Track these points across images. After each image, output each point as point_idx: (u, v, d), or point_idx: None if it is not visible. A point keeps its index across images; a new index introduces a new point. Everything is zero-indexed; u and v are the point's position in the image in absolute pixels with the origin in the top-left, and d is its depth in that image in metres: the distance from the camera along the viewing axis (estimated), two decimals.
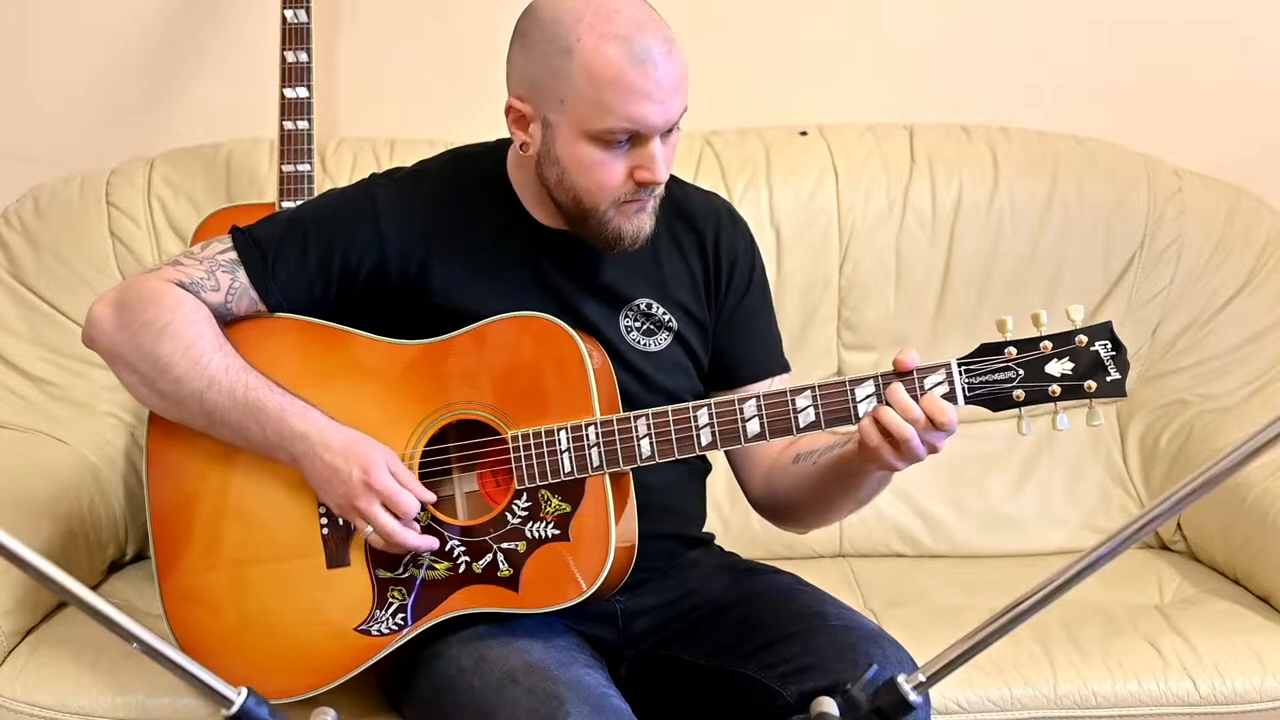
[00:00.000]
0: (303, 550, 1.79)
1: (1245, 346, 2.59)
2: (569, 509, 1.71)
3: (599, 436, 1.70)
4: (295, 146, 2.38)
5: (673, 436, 1.69)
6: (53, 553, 2.11)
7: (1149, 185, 2.60)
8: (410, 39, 2.72)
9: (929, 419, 1.60)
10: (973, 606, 2.15)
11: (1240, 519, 2.28)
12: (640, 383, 1.83)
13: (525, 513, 1.73)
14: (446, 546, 1.75)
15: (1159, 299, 2.60)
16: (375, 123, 2.69)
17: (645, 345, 1.85)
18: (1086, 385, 1.60)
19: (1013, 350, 1.62)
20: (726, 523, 2.42)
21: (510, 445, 1.73)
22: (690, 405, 1.69)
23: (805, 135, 2.64)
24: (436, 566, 1.76)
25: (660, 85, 1.66)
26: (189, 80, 2.71)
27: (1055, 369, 1.61)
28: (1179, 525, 2.50)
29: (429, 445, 1.77)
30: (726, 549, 2.02)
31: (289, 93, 2.39)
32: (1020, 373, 1.61)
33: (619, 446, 1.69)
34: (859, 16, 2.74)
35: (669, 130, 1.70)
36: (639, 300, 1.84)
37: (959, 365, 1.63)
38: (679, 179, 1.89)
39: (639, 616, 1.85)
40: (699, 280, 1.88)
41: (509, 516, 1.73)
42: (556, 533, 1.72)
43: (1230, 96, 2.75)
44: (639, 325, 1.85)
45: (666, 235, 1.85)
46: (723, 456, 1.97)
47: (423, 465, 1.77)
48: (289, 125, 2.38)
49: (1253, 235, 2.63)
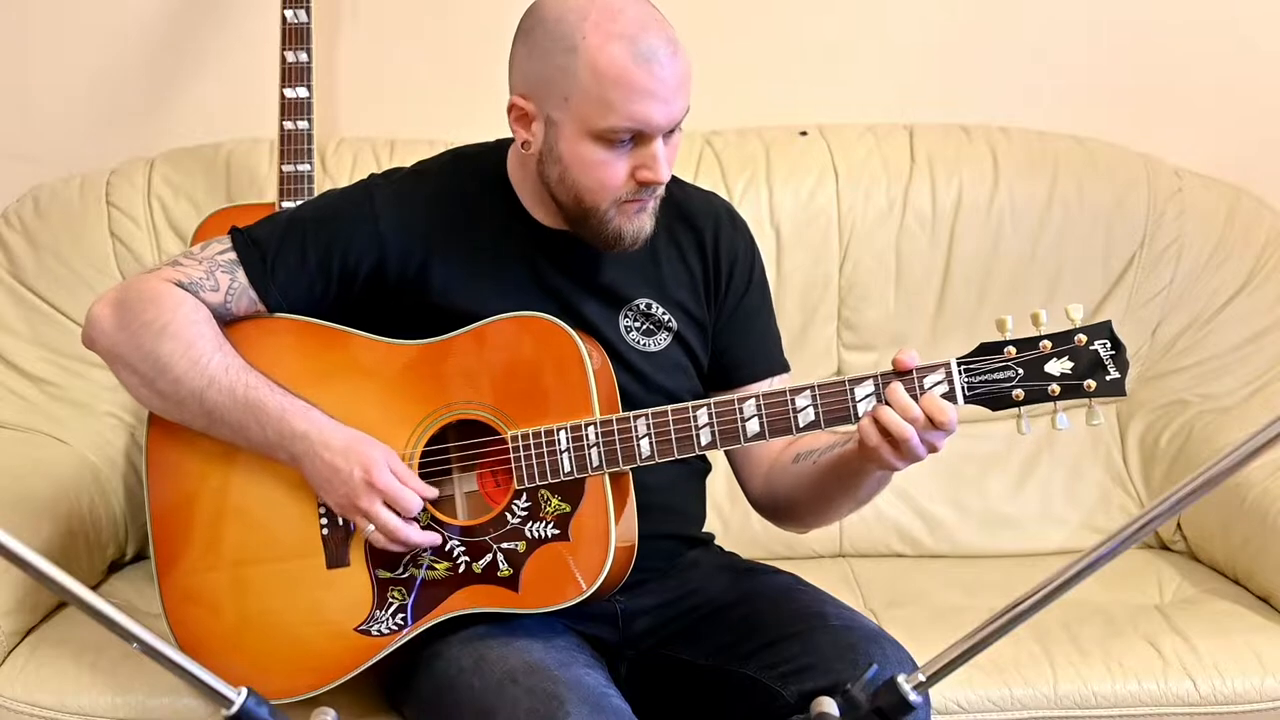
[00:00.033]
0: (302, 550, 1.79)
1: (1245, 346, 2.59)
2: (569, 509, 1.71)
3: (598, 436, 1.70)
4: (295, 146, 2.38)
5: (672, 436, 1.69)
6: (53, 553, 2.11)
7: (1149, 185, 2.60)
8: (410, 39, 2.72)
9: (928, 418, 1.60)
10: (973, 606, 2.15)
11: (1240, 519, 2.28)
12: (640, 383, 1.83)
13: (525, 513, 1.73)
14: (446, 546, 1.75)
15: (1159, 299, 2.60)
16: (375, 123, 2.69)
17: (645, 345, 1.85)
18: (1086, 384, 1.60)
19: (1012, 349, 1.62)
20: (726, 523, 2.42)
21: (510, 445, 1.73)
22: (690, 405, 1.69)
23: (805, 135, 2.64)
24: (436, 566, 1.76)
25: (664, 85, 1.66)
26: (189, 80, 2.71)
27: (1055, 368, 1.61)
28: (1179, 525, 2.50)
29: (429, 445, 1.77)
30: (726, 549, 2.02)
31: (289, 93, 2.38)
32: (1019, 372, 1.61)
33: (618, 446, 1.69)
34: (859, 16, 2.74)
35: (671, 130, 1.70)
36: (638, 300, 1.84)
37: (958, 364, 1.63)
38: (679, 179, 1.89)
39: (639, 616, 1.85)
40: (698, 280, 1.88)
41: (509, 516, 1.73)
42: (556, 533, 1.71)
43: (1230, 96, 2.75)
44: (638, 325, 1.84)
45: (666, 235, 1.85)
46: (723, 456, 1.97)
47: (422, 465, 1.77)
48: (289, 125, 2.38)
49: (1253, 235, 2.63)
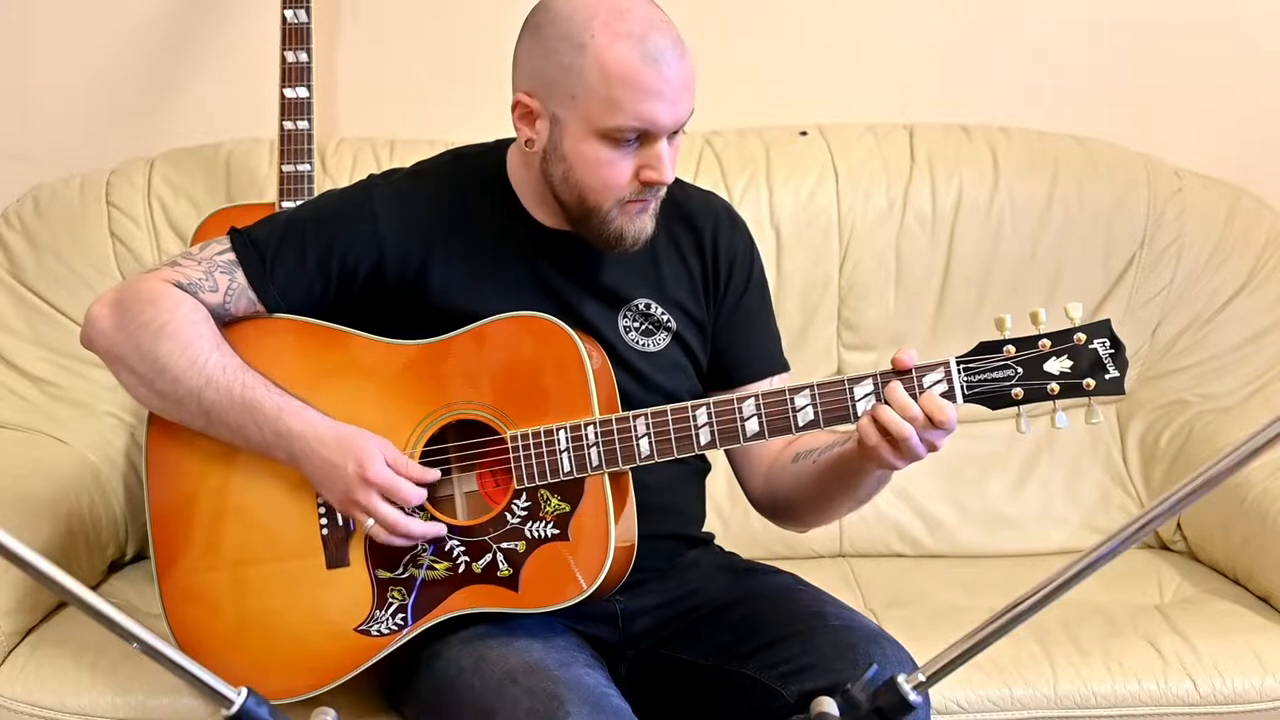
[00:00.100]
0: (302, 550, 1.79)
1: (1245, 346, 2.59)
2: (568, 509, 1.71)
3: (598, 436, 1.70)
4: (295, 146, 2.38)
5: (671, 436, 1.68)
6: (53, 553, 2.11)
7: (1149, 185, 2.60)
8: (410, 39, 2.72)
9: (928, 417, 1.60)
10: (973, 606, 2.15)
11: (1240, 519, 2.28)
12: (639, 383, 1.83)
13: (525, 512, 1.73)
14: (446, 546, 1.75)
15: (1159, 299, 2.60)
16: (375, 123, 2.69)
17: (644, 345, 1.84)
18: (1085, 383, 1.60)
19: (1011, 348, 1.62)
20: (726, 523, 2.42)
21: (509, 445, 1.73)
22: (689, 405, 1.69)
23: (805, 135, 2.64)
24: (436, 566, 1.76)
25: (672, 85, 1.66)
26: (189, 80, 2.71)
27: (1054, 367, 1.61)
28: (1179, 525, 2.50)
29: (428, 445, 1.77)
30: (726, 549, 2.02)
31: (289, 93, 2.38)
32: (1019, 371, 1.61)
33: (618, 446, 1.69)
34: (860, 17, 2.74)
35: (675, 131, 1.71)
36: (638, 300, 1.84)
37: (957, 364, 1.63)
38: (679, 179, 1.89)
39: (639, 616, 1.85)
40: (697, 280, 1.88)
41: (508, 516, 1.73)
42: (556, 532, 1.71)
43: (1230, 96, 2.75)
44: (638, 325, 1.84)
45: (665, 235, 1.85)
46: (723, 456, 1.97)
47: (422, 465, 1.77)
48: (289, 125, 2.38)
49: (1253, 235, 2.63)
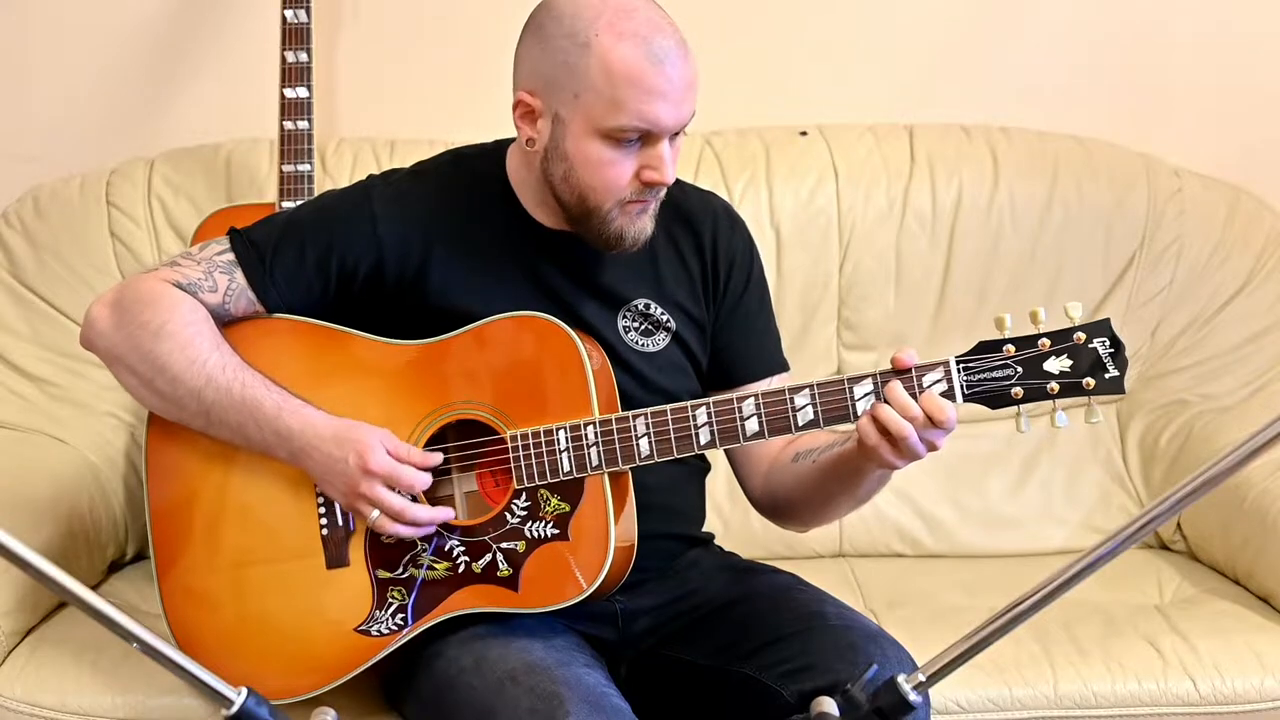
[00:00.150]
0: (302, 550, 1.79)
1: (1245, 346, 2.59)
2: (568, 508, 1.71)
3: (598, 436, 1.70)
4: (295, 146, 2.38)
5: (671, 436, 1.68)
6: (53, 553, 2.11)
7: (1149, 185, 2.60)
8: (410, 39, 2.72)
9: (928, 417, 1.60)
10: (973, 606, 2.15)
11: (1240, 519, 2.28)
12: (639, 383, 1.83)
13: (524, 512, 1.73)
14: (446, 546, 1.75)
15: (1159, 299, 2.60)
16: (375, 123, 2.69)
17: (643, 346, 1.84)
18: (1085, 383, 1.60)
19: (1011, 348, 1.62)
20: (726, 523, 2.42)
21: (509, 445, 1.73)
22: (689, 404, 1.69)
23: (805, 135, 2.64)
24: (436, 566, 1.76)
25: (675, 86, 1.66)
26: (189, 80, 2.71)
27: (1054, 366, 1.61)
28: (1179, 525, 2.50)
29: (428, 445, 1.76)
30: (726, 549, 2.02)
31: (289, 93, 2.38)
32: (1019, 370, 1.61)
33: (618, 446, 1.69)
34: (859, 17, 2.74)
35: (676, 133, 1.71)
36: (637, 300, 1.84)
37: (957, 363, 1.63)
38: (678, 179, 1.89)
39: (639, 616, 1.85)
40: (697, 280, 1.88)
41: (508, 516, 1.73)
42: (556, 532, 1.71)
43: (1230, 96, 2.75)
44: (637, 326, 1.84)
45: (664, 235, 1.85)
46: (723, 456, 1.97)
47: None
48: (289, 125, 2.38)
49: (1253, 235, 2.63)
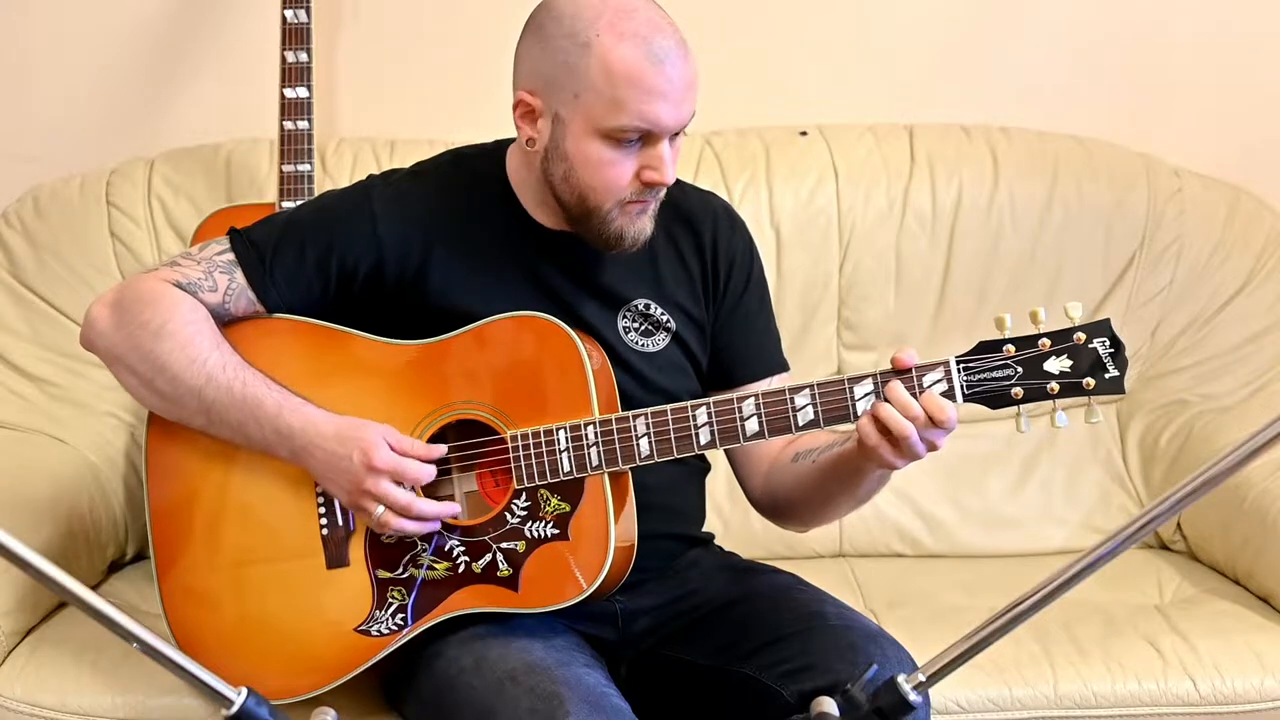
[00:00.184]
0: (302, 550, 1.79)
1: (1245, 346, 2.59)
2: (568, 508, 1.71)
3: (598, 436, 1.70)
4: (295, 146, 2.38)
5: (671, 436, 1.68)
6: (53, 553, 2.11)
7: (1149, 185, 2.60)
8: (410, 39, 2.72)
9: (929, 417, 1.60)
10: (973, 606, 2.15)
11: (1240, 519, 2.28)
12: (639, 383, 1.83)
13: (524, 512, 1.73)
14: (446, 546, 1.75)
15: (1159, 299, 2.60)
16: (375, 123, 2.69)
17: (643, 346, 1.84)
18: (1085, 383, 1.60)
19: (1011, 348, 1.62)
20: (726, 523, 2.42)
21: (509, 445, 1.73)
22: (689, 405, 1.69)
23: (805, 135, 2.64)
24: (436, 566, 1.76)
25: (675, 86, 1.66)
26: (189, 80, 2.71)
27: (1054, 366, 1.61)
28: (1179, 525, 2.50)
29: None
30: (726, 549, 2.02)
31: (289, 93, 2.38)
32: (1019, 370, 1.61)
33: (618, 446, 1.69)
34: (859, 17, 2.74)
35: (676, 133, 1.71)
36: (637, 301, 1.84)
37: (957, 363, 1.63)
38: (678, 179, 1.89)
39: (639, 616, 1.85)
40: (697, 280, 1.88)
41: (508, 516, 1.73)
42: (556, 532, 1.71)
43: (1230, 96, 2.75)
44: (637, 326, 1.84)
45: (664, 236, 1.85)
46: (723, 456, 1.97)
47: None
48: (289, 125, 2.38)
49: (1253, 235, 2.63)
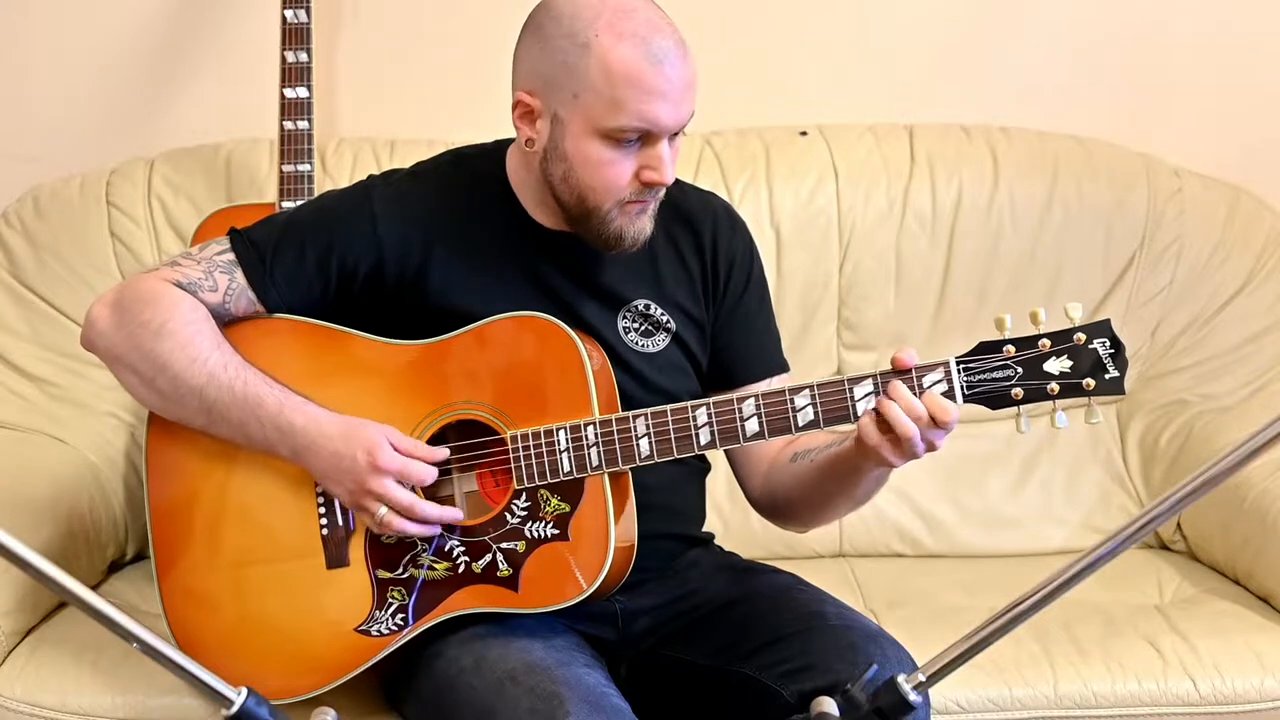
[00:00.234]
0: (302, 550, 1.79)
1: (1245, 346, 2.59)
2: (568, 509, 1.71)
3: (598, 436, 1.70)
4: (295, 146, 2.38)
5: (671, 436, 1.68)
6: (53, 553, 2.11)
7: (1149, 185, 2.60)
8: (410, 39, 2.72)
9: (931, 417, 1.60)
10: (973, 606, 2.15)
11: (1240, 519, 2.28)
12: (639, 383, 1.83)
13: (524, 512, 1.73)
14: (446, 546, 1.75)
15: (1159, 299, 2.60)
16: (375, 123, 2.69)
17: (643, 346, 1.84)
18: (1085, 383, 1.60)
19: (1011, 348, 1.62)
20: (726, 523, 2.42)
21: (509, 445, 1.73)
22: (689, 405, 1.69)
23: (805, 135, 2.64)
24: (436, 567, 1.76)
25: (674, 86, 1.66)
26: (189, 80, 2.71)
27: (1054, 367, 1.61)
28: (1179, 525, 2.50)
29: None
30: (726, 549, 2.02)
31: (289, 93, 2.38)
32: (1019, 371, 1.61)
33: (618, 446, 1.69)
34: (859, 17, 2.75)
35: (676, 133, 1.71)
36: (637, 301, 1.84)
37: (957, 363, 1.63)
38: (677, 179, 1.89)
39: (639, 616, 1.85)
40: (697, 281, 1.88)
41: (508, 516, 1.73)
42: (556, 532, 1.71)
43: (1230, 96, 2.75)
44: (637, 326, 1.84)
45: (664, 236, 1.85)
46: (723, 456, 1.97)
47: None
48: (289, 125, 2.38)
49: (1253, 235, 2.63)
